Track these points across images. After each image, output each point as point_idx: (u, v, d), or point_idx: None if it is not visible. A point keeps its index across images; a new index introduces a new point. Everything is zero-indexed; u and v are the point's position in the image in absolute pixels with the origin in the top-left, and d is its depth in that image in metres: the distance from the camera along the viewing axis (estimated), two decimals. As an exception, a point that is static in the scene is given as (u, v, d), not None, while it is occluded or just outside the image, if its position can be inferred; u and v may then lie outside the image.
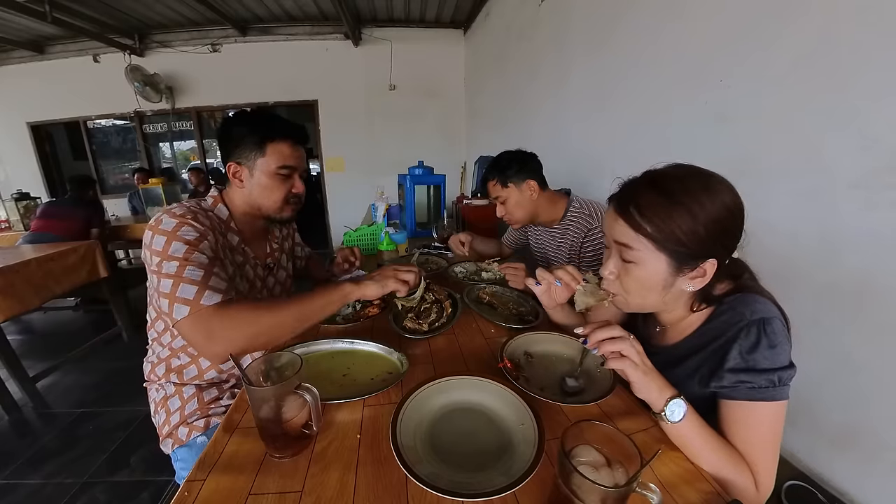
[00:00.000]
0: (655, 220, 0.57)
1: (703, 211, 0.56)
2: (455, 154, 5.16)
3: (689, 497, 0.53)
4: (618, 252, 0.64)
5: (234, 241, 0.98)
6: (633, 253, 0.61)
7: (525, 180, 1.32)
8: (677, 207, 0.56)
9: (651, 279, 0.62)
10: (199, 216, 0.85)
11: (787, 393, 0.58)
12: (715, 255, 0.59)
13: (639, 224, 0.59)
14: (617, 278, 0.66)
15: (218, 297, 0.73)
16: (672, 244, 0.57)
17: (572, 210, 1.37)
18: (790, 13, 1.09)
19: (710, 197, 0.56)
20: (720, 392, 0.62)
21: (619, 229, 0.62)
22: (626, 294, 0.66)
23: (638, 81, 1.75)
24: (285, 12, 4.36)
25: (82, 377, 2.41)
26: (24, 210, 3.73)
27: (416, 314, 1.05)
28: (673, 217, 0.56)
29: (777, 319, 0.60)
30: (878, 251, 0.94)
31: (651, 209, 0.58)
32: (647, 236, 0.58)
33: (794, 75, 1.08)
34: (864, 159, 0.94)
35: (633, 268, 0.62)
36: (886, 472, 0.97)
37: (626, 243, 0.61)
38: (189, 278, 0.73)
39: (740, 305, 0.62)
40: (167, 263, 0.75)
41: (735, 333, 0.61)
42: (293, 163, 0.96)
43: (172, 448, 0.94)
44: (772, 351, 0.58)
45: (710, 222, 0.56)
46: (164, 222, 0.80)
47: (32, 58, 4.71)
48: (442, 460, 0.59)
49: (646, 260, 0.60)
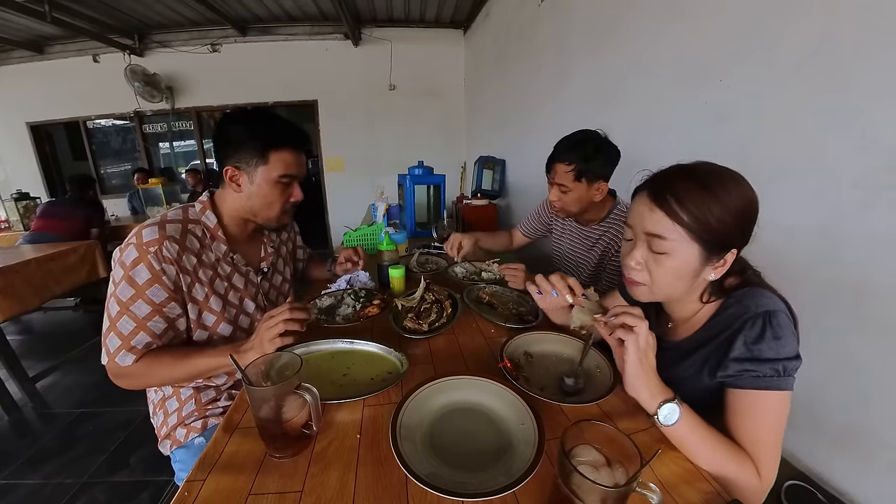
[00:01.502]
0: (692, 208, 0.58)
1: (733, 201, 0.58)
2: (455, 154, 5.16)
3: (689, 497, 0.53)
4: (646, 242, 0.64)
5: (221, 251, 0.94)
6: (666, 243, 0.61)
7: (600, 180, 1.19)
8: (712, 196, 0.58)
9: (683, 269, 0.62)
10: (170, 241, 0.83)
11: (791, 384, 0.59)
12: (736, 245, 0.61)
13: (676, 213, 0.59)
14: (644, 269, 0.66)
15: (131, 357, 0.80)
16: (705, 233, 0.58)
17: (617, 212, 1.27)
18: (792, 13, 1.08)
19: (738, 188, 0.59)
20: (726, 381, 0.62)
21: (653, 219, 0.61)
22: (653, 284, 0.66)
23: (638, 81, 1.75)
24: (285, 12, 4.36)
25: (82, 377, 2.41)
26: (23, 210, 3.74)
27: (416, 314, 1.05)
28: (708, 205, 0.58)
29: (783, 313, 0.60)
30: (879, 251, 0.94)
31: (688, 197, 0.58)
32: (684, 225, 0.59)
33: (795, 75, 1.08)
34: (866, 159, 0.94)
35: (664, 258, 0.62)
36: (886, 472, 0.97)
37: (659, 234, 0.61)
38: (119, 331, 0.80)
39: (746, 299, 0.63)
40: (112, 303, 0.80)
41: (741, 325, 0.61)
42: (295, 171, 0.93)
43: (171, 449, 0.95)
44: (777, 342, 0.58)
45: (737, 212, 0.58)
46: (128, 252, 0.80)
47: (32, 58, 4.71)
48: (442, 460, 0.59)
49: (679, 250, 0.61)
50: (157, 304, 0.81)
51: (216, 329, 0.93)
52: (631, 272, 0.68)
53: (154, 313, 0.81)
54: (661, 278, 0.64)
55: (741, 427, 0.60)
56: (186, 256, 0.86)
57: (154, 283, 0.81)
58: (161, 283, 0.81)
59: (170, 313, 0.84)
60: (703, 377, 0.66)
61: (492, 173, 3.68)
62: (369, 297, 1.15)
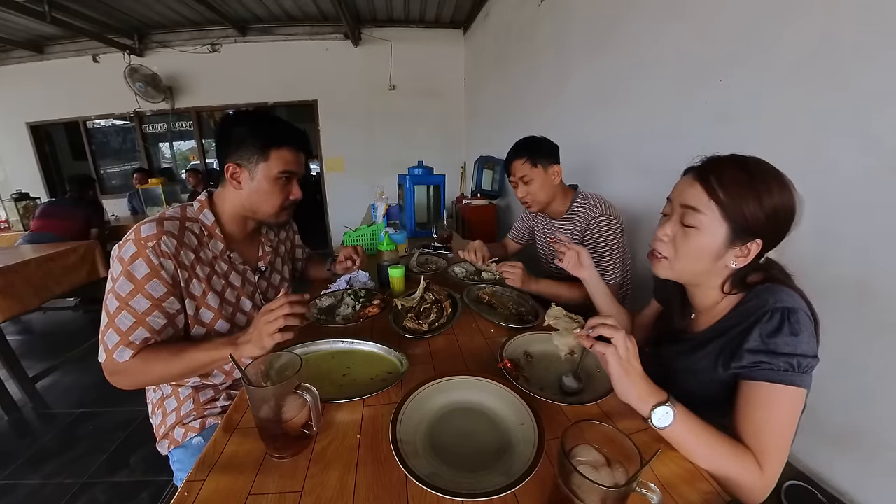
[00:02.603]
0: (731, 190, 0.61)
1: (771, 199, 0.60)
2: (455, 154, 5.16)
3: (688, 497, 0.53)
4: (680, 216, 0.67)
5: (218, 249, 0.95)
6: (698, 217, 0.64)
7: (552, 164, 1.37)
8: (753, 188, 0.61)
9: (708, 246, 0.65)
10: (168, 236, 0.84)
11: (807, 382, 0.58)
12: (762, 238, 0.63)
13: (714, 190, 0.62)
14: (671, 241, 0.69)
15: (128, 353, 0.79)
16: (737, 217, 0.61)
17: (578, 201, 1.41)
18: (791, 13, 1.08)
19: (781, 190, 0.61)
20: (740, 373, 0.62)
21: (692, 193, 0.65)
22: (676, 258, 0.69)
23: (639, 82, 1.74)
24: (285, 12, 4.36)
25: (82, 377, 2.41)
26: (23, 210, 3.73)
27: (415, 314, 1.05)
28: (747, 194, 0.61)
29: (802, 311, 0.60)
30: (878, 251, 0.94)
31: (730, 181, 0.62)
32: (719, 203, 0.62)
33: (795, 76, 1.08)
34: (866, 159, 0.94)
35: (693, 232, 0.65)
36: (887, 472, 0.97)
37: (695, 206, 0.64)
38: (118, 326, 0.79)
39: (766, 294, 0.64)
40: (111, 298, 0.80)
41: (758, 318, 0.62)
42: (294, 168, 0.95)
43: (169, 449, 0.95)
44: (794, 338, 0.58)
45: (772, 209, 0.60)
46: (126, 248, 0.80)
47: (32, 58, 4.70)
48: (442, 460, 0.59)
49: (708, 226, 0.64)
50: (157, 299, 0.82)
51: (213, 326, 0.93)
52: (657, 244, 0.71)
53: (154, 308, 0.81)
54: (684, 253, 0.67)
55: (750, 418, 0.60)
56: (184, 252, 0.87)
57: (153, 277, 0.81)
58: (160, 278, 0.82)
59: (169, 308, 0.84)
60: (717, 369, 0.66)
61: (492, 173, 3.68)
62: (369, 297, 1.15)
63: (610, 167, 2.01)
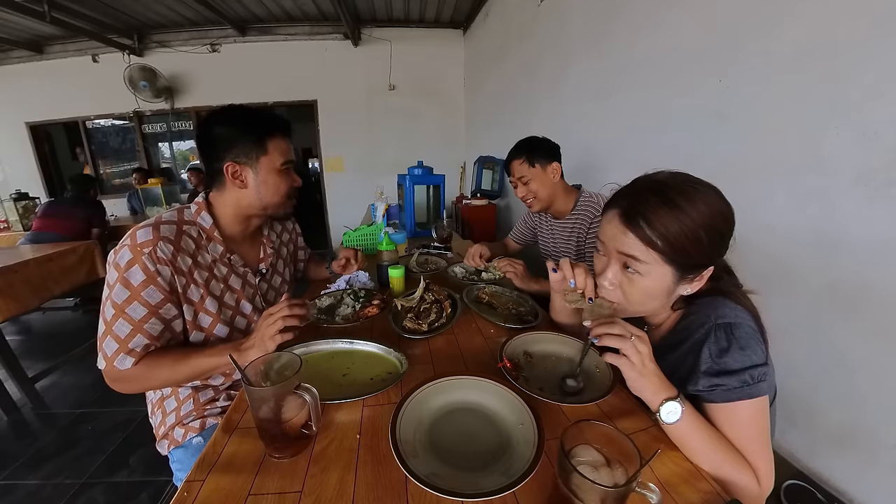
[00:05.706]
0: (664, 232, 0.58)
1: (703, 218, 0.58)
2: (454, 154, 5.16)
3: (688, 497, 0.53)
4: (619, 262, 0.64)
5: (218, 252, 0.94)
6: (640, 265, 0.61)
7: (551, 163, 1.38)
8: (683, 218, 0.58)
9: (657, 289, 0.63)
10: (165, 242, 0.83)
11: (763, 389, 0.59)
12: (713, 262, 0.61)
13: (650, 239, 0.59)
14: (617, 287, 0.66)
15: (130, 360, 0.79)
16: (680, 256, 0.59)
17: (582, 200, 1.41)
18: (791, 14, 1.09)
19: (708, 205, 0.59)
20: (700, 395, 0.62)
21: (627, 242, 0.62)
22: (628, 302, 0.67)
23: (637, 81, 1.75)
24: (284, 12, 4.36)
25: (81, 378, 2.41)
26: (22, 210, 3.73)
27: (415, 314, 1.05)
28: (680, 228, 0.58)
29: (744, 325, 0.61)
30: (876, 250, 0.94)
31: (660, 222, 0.58)
32: (657, 249, 0.59)
33: (792, 73, 1.09)
34: (865, 157, 0.94)
35: (638, 278, 0.63)
36: (884, 471, 0.97)
37: (634, 255, 0.61)
38: (116, 334, 0.79)
39: (707, 308, 0.64)
40: (107, 306, 0.79)
41: (703, 336, 0.62)
42: (292, 156, 0.97)
43: (168, 449, 0.94)
44: (742, 353, 0.59)
45: (709, 229, 0.58)
46: (122, 254, 0.80)
47: (31, 58, 4.70)
48: (442, 460, 0.59)
49: (653, 272, 0.62)
50: (153, 306, 0.81)
51: (212, 330, 0.93)
52: (604, 291, 0.68)
53: (150, 315, 0.81)
54: (634, 297, 0.65)
55: (727, 438, 0.60)
56: (181, 257, 0.86)
57: (149, 284, 0.80)
58: (156, 285, 0.81)
59: (166, 314, 0.84)
60: (675, 384, 0.66)
61: (491, 173, 3.68)
62: (369, 297, 1.15)
63: (608, 166, 2.01)
